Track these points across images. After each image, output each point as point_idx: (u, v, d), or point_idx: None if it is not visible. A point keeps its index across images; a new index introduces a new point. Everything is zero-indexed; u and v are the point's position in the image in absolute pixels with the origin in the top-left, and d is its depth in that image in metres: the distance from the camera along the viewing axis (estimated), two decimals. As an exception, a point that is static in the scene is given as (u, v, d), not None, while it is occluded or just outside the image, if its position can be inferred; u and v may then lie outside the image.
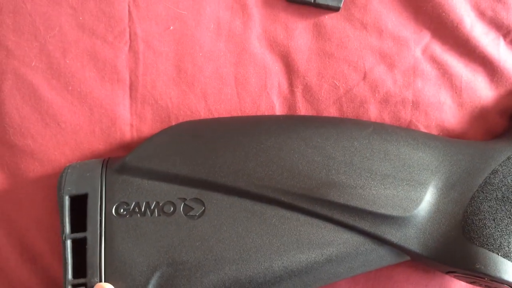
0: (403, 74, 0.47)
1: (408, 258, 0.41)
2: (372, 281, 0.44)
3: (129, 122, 0.46)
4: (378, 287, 0.44)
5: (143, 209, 0.40)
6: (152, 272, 0.38)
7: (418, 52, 0.47)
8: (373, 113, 0.47)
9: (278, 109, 0.47)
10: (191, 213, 0.40)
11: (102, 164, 0.42)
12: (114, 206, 0.40)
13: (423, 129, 0.46)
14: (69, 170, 0.42)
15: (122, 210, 0.40)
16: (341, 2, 0.46)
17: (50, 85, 0.45)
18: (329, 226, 0.40)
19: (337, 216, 0.40)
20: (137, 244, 0.39)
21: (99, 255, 0.38)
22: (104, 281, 0.38)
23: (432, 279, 0.44)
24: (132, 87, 0.46)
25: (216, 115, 0.47)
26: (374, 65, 0.47)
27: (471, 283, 0.42)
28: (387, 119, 0.46)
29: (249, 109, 0.47)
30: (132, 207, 0.40)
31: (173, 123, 0.46)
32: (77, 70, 0.45)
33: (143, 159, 0.42)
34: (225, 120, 0.46)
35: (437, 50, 0.47)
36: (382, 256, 0.40)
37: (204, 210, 0.40)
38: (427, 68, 0.47)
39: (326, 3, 0.46)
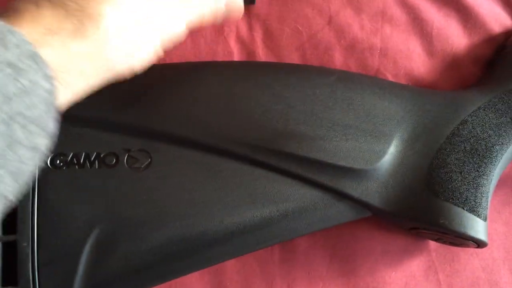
0: (371, 19, 0.43)
1: (370, 213, 0.38)
2: (334, 239, 0.42)
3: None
4: (339, 245, 0.42)
5: (82, 161, 0.37)
6: (90, 229, 0.35)
7: (387, -5, 0.44)
8: (339, 60, 0.43)
9: (237, 56, 0.44)
10: (135, 165, 0.37)
11: (38, 112, 0.38)
12: (49, 157, 0.36)
13: (391, 78, 0.43)
14: None
15: (58, 162, 0.36)
16: None
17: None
18: (286, 180, 0.37)
19: (295, 169, 0.37)
20: (75, 198, 0.36)
21: (31, 209, 0.35)
22: (37, 239, 0.34)
23: (396, 236, 0.42)
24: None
25: (168, 61, 0.43)
26: (340, 8, 0.44)
27: (435, 240, 0.40)
28: (353, 67, 0.43)
29: (204, 55, 0.43)
30: (69, 158, 0.37)
31: (121, 69, 0.42)
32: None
33: (82, 105, 0.38)
34: (176, 66, 0.42)
35: (408, -7, 0.44)
36: (342, 212, 0.38)
37: (150, 162, 0.37)
38: (397, 12, 0.44)
39: None
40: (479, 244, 0.37)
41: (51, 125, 0.25)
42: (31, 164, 0.24)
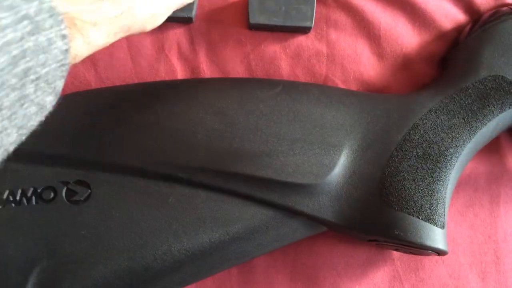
0: (315, 25, 0.42)
1: (325, 228, 0.37)
2: (293, 256, 0.40)
3: (7, 98, 0.40)
4: (299, 262, 0.40)
5: (18, 198, 0.35)
6: (31, 268, 0.33)
7: (330, -2, 0.42)
8: (285, 69, 0.42)
9: (180, 73, 0.42)
10: (74, 198, 0.35)
11: (-29, 150, 0.36)
12: (-16, 197, 0.35)
13: (340, 84, 0.41)
14: None
15: None
16: (312, 22, 0.41)
17: None
18: (234, 201, 0.36)
19: (243, 189, 0.35)
20: (13, 238, 0.34)
21: (-35, 254, 0.33)
22: (-26, 284, 0.33)
23: (358, 247, 0.40)
24: (7, 58, 0.40)
25: (109, 84, 0.41)
26: (283, 16, 0.42)
27: (395, 250, 0.38)
28: (301, 75, 0.42)
29: (146, 75, 0.42)
30: (5, 196, 0.35)
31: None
32: None
33: (16, 140, 0.36)
34: (116, 89, 0.40)
35: (352, -5, 0.42)
36: (295, 229, 0.36)
37: (90, 194, 0.35)
38: (341, 16, 0.42)
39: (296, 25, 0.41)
40: (439, 253, 0.35)
41: (60, 84, 0.24)
42: (36, 120, 0.24)
